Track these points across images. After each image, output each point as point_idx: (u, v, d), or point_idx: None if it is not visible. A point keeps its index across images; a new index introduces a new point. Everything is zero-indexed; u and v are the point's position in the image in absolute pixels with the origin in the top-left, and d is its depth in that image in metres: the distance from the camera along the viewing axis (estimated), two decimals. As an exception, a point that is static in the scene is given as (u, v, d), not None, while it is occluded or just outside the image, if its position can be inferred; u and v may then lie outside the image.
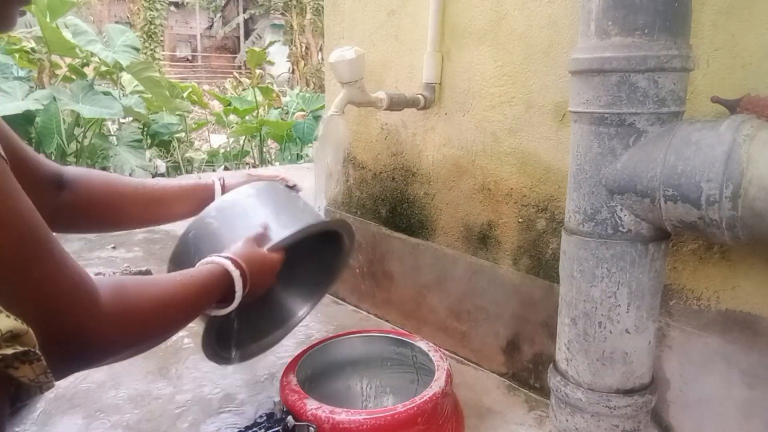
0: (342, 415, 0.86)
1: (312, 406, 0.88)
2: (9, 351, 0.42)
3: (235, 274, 0.76)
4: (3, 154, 0.49)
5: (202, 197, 0.95)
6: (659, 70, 0.73)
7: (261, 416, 0.95)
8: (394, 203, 1.48)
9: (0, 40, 4.37)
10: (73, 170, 0.84)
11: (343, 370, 1.15)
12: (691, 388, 0.95)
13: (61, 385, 1.10)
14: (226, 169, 5.50)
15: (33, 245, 0.50)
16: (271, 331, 1.04)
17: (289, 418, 0.88)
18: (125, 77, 5.14)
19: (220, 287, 0.76)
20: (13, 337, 0.43)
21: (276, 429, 0.88)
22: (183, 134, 5.91)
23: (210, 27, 22.21)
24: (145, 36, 14.38)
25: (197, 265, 0.77)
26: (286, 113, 7.00)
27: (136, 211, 0.90)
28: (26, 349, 0.44)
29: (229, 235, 0.84)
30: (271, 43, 11.22)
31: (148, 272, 1.73)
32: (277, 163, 5.76)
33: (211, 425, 1.06)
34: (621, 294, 0.82)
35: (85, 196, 0.82)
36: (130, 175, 4.29)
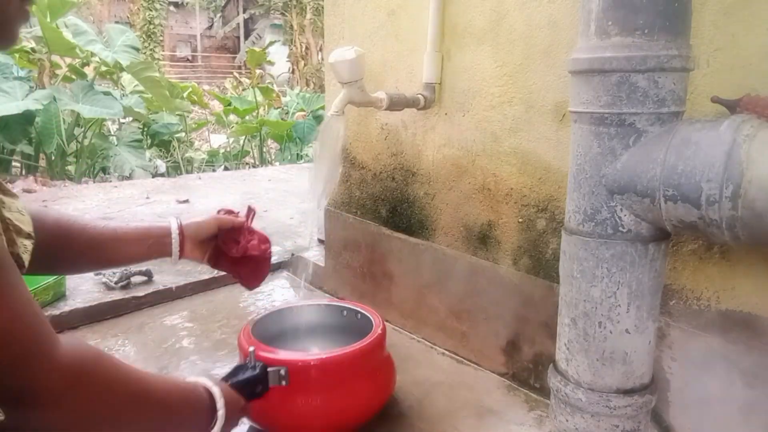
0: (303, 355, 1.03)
1: (282, 354, 1.00)
2: None
3: (220, 401, 0.75)
4: None
5: (156, 237, 0.93)
6: (659, 70, 0.73)
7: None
8: (394, 203, 1.48)
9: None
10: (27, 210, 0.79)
11: (295, 336, 1.22)
12: (691, 388, 0.95)
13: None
14: (226, 169, 5.50)
15: None
16: None
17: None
18: (125, 77, 5.15)
19: (200, 408, 0.74)
20: None
21: (255, 374, 0.92)
22: (183, 134, 5.92)
23: (210, 27, 22.21)
24: (144, 36, 14.38)
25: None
26: (286, 113, 7.01)
27: (87, 251, 0.87)
28: None
29: None
30: (271, 43, 11.23)
31: (148, 272, 1.73)
32: (277, 163, 5.77)
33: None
34: (621, 294, 0.82)
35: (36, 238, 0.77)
36: (130, 175, 4.28)
